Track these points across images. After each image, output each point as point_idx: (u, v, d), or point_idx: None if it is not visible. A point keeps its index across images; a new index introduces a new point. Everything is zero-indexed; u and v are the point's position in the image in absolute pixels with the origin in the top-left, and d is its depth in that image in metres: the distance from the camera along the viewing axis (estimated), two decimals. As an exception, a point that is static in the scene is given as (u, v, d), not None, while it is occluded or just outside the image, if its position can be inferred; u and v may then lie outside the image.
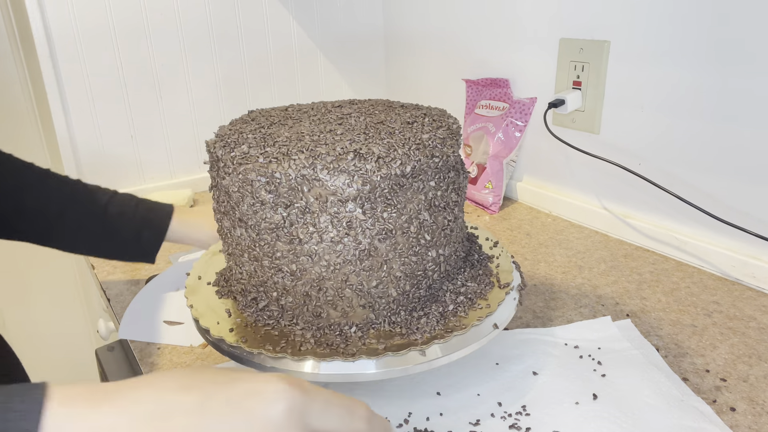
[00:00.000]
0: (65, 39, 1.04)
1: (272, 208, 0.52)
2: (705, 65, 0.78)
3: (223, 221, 0.58)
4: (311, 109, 0.66)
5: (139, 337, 0.70)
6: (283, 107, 0.70)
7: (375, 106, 0.65)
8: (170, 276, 0.81)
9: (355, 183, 0.50)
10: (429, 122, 0.58)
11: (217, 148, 0.55)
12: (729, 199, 0.79)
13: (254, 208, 0.52)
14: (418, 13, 1.26)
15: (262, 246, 0.53)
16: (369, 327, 0.54)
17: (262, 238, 0.53)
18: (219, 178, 0.55)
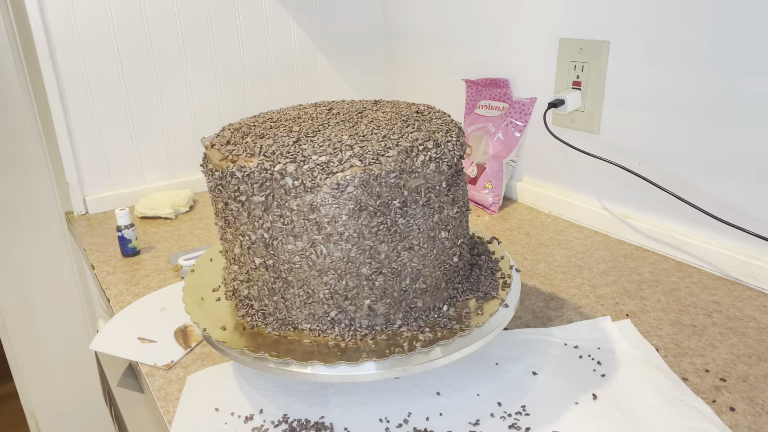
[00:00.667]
0: (65, 39, 1.04)
1: (286, 209, 0.51)
2: (705, 65, 0.78)
3: (232, 230, 0.57)
4: (312, 111, 0.66)
5: (109, 351, 0.69)
6: (280, 111, 0.69)
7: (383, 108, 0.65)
8: (161, 295, 0.80)
9: (364, 185, 0.50)
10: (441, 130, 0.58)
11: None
12: (729, 199, 0.79)
13: (274, 214, 0.52)
14: (418, 13, 1.26)
15: (274, 246, 0.53)
16: (370, 328, 0.55)
17: (275, 237, 0.53)
18: (243, 193, 0.54)
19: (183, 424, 0.56)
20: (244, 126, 0.61)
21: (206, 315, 0.59)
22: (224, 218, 0.57)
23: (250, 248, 0.55)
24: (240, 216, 0.55)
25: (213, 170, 0.56)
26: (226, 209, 0.56)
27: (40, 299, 1.36)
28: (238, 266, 0.58)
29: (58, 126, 1.08)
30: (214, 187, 0.56)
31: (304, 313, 0.55)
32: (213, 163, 0.56)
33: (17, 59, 1.21)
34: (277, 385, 0.60)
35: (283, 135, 0.56)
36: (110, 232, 1.04)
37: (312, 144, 0.53)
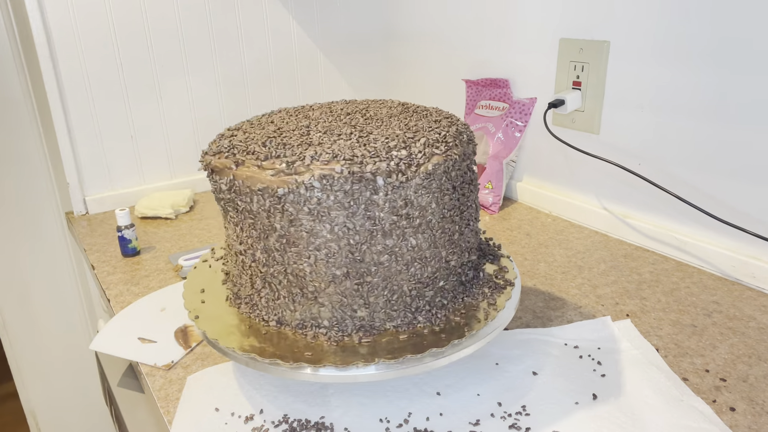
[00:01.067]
0: (65, 39, 1.04)
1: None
2: (705, 65, 0.78)
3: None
4: (322, 112, 0.66)
5: (109, 351, 0.70)
6: (291, 109, 0.69)
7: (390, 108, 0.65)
8: (161, 296, 0.80)
9: (446, 172, 0.52)
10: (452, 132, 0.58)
11: None
12: (729, 199, 0.79)
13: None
14: (418, 13, 1.26)
15: (361, 251, 0.53)
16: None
17: (361, 242, 0.53)
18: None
19: (183, 424, 0.56)
20: (277, 136, 0.57)
21: (211, 319, 0.59)
22: (281, 237, 0.53)
23: (328, 261, 0.52)
24: (314, 230, 0.51)
25: (276, 187, 0.51)
26: (293, 226, 0.52)
27: (40, 299, 1.36)
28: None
29: (58, 126, 1.08)
30: (271, 207, 0.52)
31: (381, 314, 0.55)
32: (269, 179, 0.51)
33: (17, 59, 1.21)
34: (277, 385, 0.60)
35: (341, 137, 0.55)
36: (110, 232, 1.04)
37: (380, 141, 0.53)
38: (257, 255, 0.55)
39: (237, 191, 0.53)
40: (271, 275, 0.55)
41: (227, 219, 0.57)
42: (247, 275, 0.57)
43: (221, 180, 0.55)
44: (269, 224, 0.52)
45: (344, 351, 0.52)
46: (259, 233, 0.54)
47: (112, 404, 0.81)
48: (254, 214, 0.53)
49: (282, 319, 0.56)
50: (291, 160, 0.51)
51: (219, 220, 1.08)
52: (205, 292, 0.62)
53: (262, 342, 0.54)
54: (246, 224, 0.54)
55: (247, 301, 0.58)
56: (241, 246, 0.56)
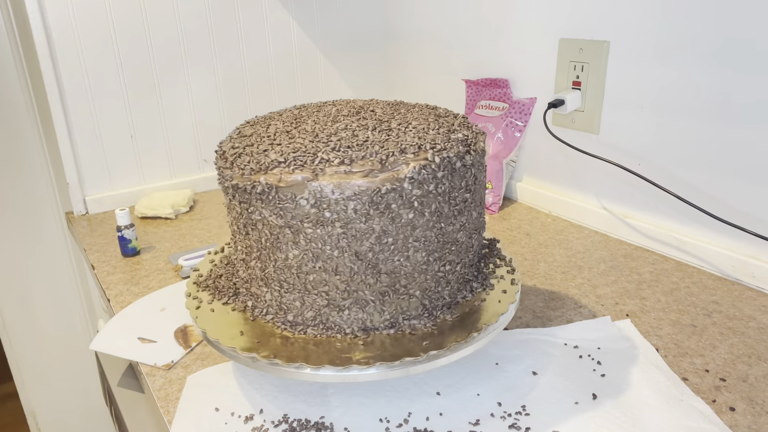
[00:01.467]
0: (65, 39, 1.04)
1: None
2: (705, 65, 0.78)
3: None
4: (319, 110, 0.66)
5: (109, 351, 0.70)
6: (294, 109, 0.69)
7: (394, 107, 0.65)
8: (161, 296, 0.81)
9: (376, 185, 0.51)
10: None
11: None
12: (729, 199, 0.79)
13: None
14: (418, 13, 1.26)
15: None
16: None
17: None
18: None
19: (183, 424, 0.56)
20: (290, 142, 0.56)
21: (212, 320, 0.59)
22: (381, 236, 0.52)
23: (426, 249, 0.53)
24: (413, 222, 0.52)
25: (377, 187, 0.50)
26: (393, 223, 0.52)
27: (40, 299, 1.36)
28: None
29: (58, 126, 1.08)
30: (371, 209, 0.51)
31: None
32: (363, 181, 0.50)
33: (17, 59, 1.21)
34: (277, 385, 0.60)
35: (392, 131, 0.56)
36: (110, 232, 1.04)
37: (431, 131, 0.55)
38: (342, 267, 0.52)
39: (326, 203, 0.50)
40: (359, 282, 0.53)
41: (294, 241, 0.52)
42: (318, 294, 0.54)
43: (300, 195, 0.50)
44: (367, 228, 0.51)
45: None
46: (350, 241, 0.51)
47: (112, 404, 0.81)
48: (346, 222, 0.50)
49: (369, 325, 0.54)
50: (383, 158, 0.51)
51: (219, 220, 1.08)
52: (244, 334, 0.56)
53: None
54: (333, 236, 0.51)
55: (316, 322, 0.55)
56: (317, 263, 0.52)
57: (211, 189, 1.25)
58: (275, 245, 0.53)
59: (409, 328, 0.55)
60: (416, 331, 0.54)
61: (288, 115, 0.64)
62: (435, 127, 0.57)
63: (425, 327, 0.55)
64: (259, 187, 0.51)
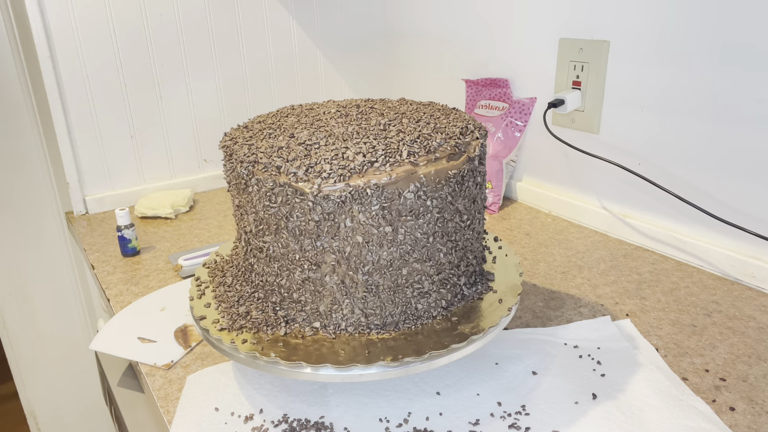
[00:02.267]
0: (65, 39, 1.04)
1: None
2: (705, 64, 0.78)
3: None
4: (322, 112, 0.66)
5: (109, 351, 0.70)
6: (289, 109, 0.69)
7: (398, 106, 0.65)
8: (161, 295, 0.81)
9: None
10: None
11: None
12: (729, 199, 0.79)
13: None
14: (418, 13, 1.26)
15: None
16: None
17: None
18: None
19: (183, 424, 0.56)
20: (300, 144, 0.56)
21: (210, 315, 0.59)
22: (431, 227, 0.53)
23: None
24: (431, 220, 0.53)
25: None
26: (420, 218, 0.52)
27: (40, 299, 1.36)
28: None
29: (58, 126, 1.08)
30: (428, 205, 0.52)
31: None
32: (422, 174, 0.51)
33: (17, 59, 1.21)
34: (277, 384, 0.60)
35: (401, 132, 0.56)
36: (110, 232, 1.04)
37: (442, 131, 0.56)
38: (345, 266, 0.52)
39: (342, 205, 0.50)
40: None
41: (326, 246, 0.52)
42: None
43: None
44: (372, 230, 0.51)
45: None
46: (352, 242, 0.51)
47: (112, 404, 0.81)
48: (355, 225, 0.50)
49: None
50: (415, 159, 0.52)
51: (219, 219, 1.08)
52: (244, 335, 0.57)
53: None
54: (337, 239, 0.51)
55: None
56: (342, 267, 0.52)
57: (211, 189, 1.25)
58: (284, 245, 0.54)
59: (410, 328, 0.55)
60: (416, 330, 0.54)
61: (295, 113, 0.65)
62: (441, 129, 0.58)
63: (425, 327, 0.55)
64: (306, 194, 0.50)
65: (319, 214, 0.50)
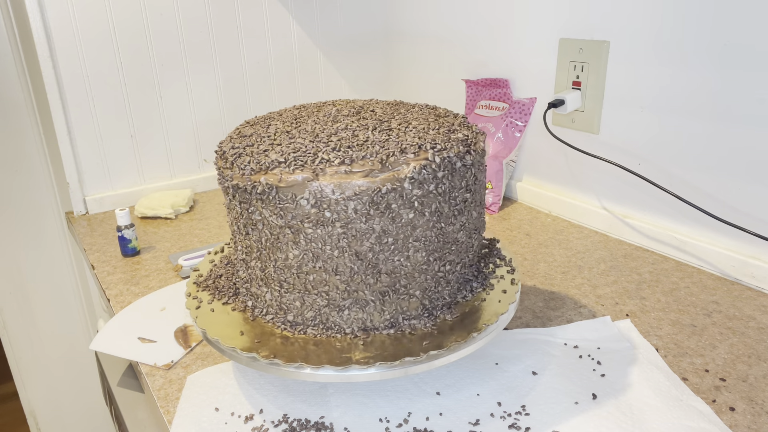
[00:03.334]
0: (65, 39, 1.04)
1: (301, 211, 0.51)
2: (705, 65, 0.78)
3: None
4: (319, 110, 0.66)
5: (109, 351, 0.70)
6: (291, 109, 0.69)
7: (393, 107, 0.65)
8: (161, 296, 0.81)
9: (377, 185, 0.51)
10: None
11: None
12: (729, 199, 0.79)
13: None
14: (418, 13, 1.26)
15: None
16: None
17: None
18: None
19: (183, 424, 0.56)
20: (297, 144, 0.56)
21: (213, 320, 0.59)
22: (382, 236, 0.52)
23: (426, 249, 0.53)
24: (414, 222, 0.52)
25: (377, 187, 0.50)
26: (394, 222, 0.52)
27: (40, 299, 1.36)
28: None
29: (58, 126, 1.08)
30: (371, 209, 0.51)
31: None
32: (363, 181, 0.50)
33: (17, 59, 1.21)
34: (276, 384, 0.60)
35: (392, 131, 0.56)
36: (110, 232, 1.04)
37: (432, 130, 0.55)
38: (342, 267, 0.52)
39: (326, 203, 0.50)
40: (359, 282, 0.53)
41: (295, 241, 0.52)
42: (318, 294, 0.54)
43: (300, 196, 0.50)
44: (367, 228, 0.51)
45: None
46: (350, 241, 0.51)
47: (112, 404, 0.81)
48: (347, 222, 0.50)
49: (369, 325, 0.55)
50: (383, 157, 0.51)
51: (219, 220, 1.08)
52: (244, 334, 0.56)
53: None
54: (333, 236, 0.51)
55: (316, 322, 0.55)
56: (317, 263, 0.52)
57: (211, 189, 1.25)
58: (275, 245, 0.53)
59: (409, 328, 0.55)
60: (416, 331, 0.54)
61: (288, 115, 0.64)
62: (435, 127, 0.57)
63: (425, 327, 0.55)
64: (259, 187, 0.51)
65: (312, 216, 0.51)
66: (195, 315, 0.58)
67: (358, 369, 0.50)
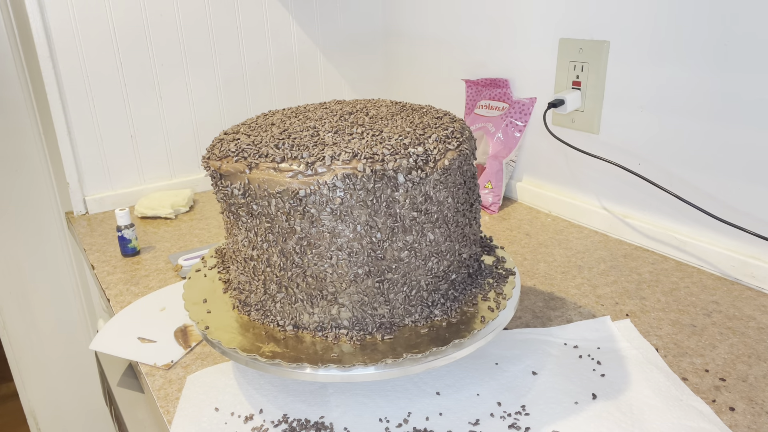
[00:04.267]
0: (65, 39, 1.04)
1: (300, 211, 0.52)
2: (705, 65, 0.78)
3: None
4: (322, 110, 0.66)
5: (109, 351, 0.70)
6: (292, 110, 0.69)
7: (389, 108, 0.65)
8: (161, 296, 0.81)
9: (459, 166, 0.53)
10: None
11: None
12: (729, 199, 0.79)
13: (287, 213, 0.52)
14: (418, 14, 1.26)
15: (383, 248, 0.53)
16: (392, 326, 0.55)
17: (383, 239, 0.53)
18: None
19: (183, 424, 0.56)
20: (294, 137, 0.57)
21: (214, 322, 0.59)
22: (302, 239, 0.52)
23: (350, 260, 0.52)
24: (336, 230, 0.51)
25: (297, 189, 0.51)
26: (314, 227, 0.52)
27: (40, 299, 1.36)
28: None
29: (58, 126, 1.08)
30: (291, 209, 0.51)
31: (399, 310, 0.55)
32: (288, 180, 0.51)
33: (17, 59, 1.21)
34: (276, 384, 0.60)
35: (354, 136, 0.55)
36: (110, 232, 1.04)
37: (394, 138, 0.54)
38: (273, 259, 0.54)
39: (252, 195, 0.52)
40: (288, 279, 0.54)
41: (237, 225, 0.56)
42: (259, 281, 0.56)
43: (234, 185, 0.54)
44: (288, 227, 0.52)
45: (366, 350, 0.52)
46: (276, 237, 0.53)
47: (112, 404, 0.81)
48: (271, 218, 0.52)
49: (299, 322, 0.55)
50: (310, 161, 0.51)
51: (219, 220, 1.08)
52: (207, 302, 0.61)
53: (283, 347, 0.53)
54: (261, 228, 0.53)
55: (258, 307, 0.57)
56: (254, 251, 0.55)
57: (210, 189, 1.25)
58: (230, 225, 0.57)
59: (427, 322, 0.55)
60: (434, 324, 0.55)
61: (287, 113, 0.65)
62: (405, 136, 0.54)
63: (442, 320, 0.55)
64: (208, 171, 0.57)
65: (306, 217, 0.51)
66: (204, 326, 0.57)
67: (358, 369, 0.50)
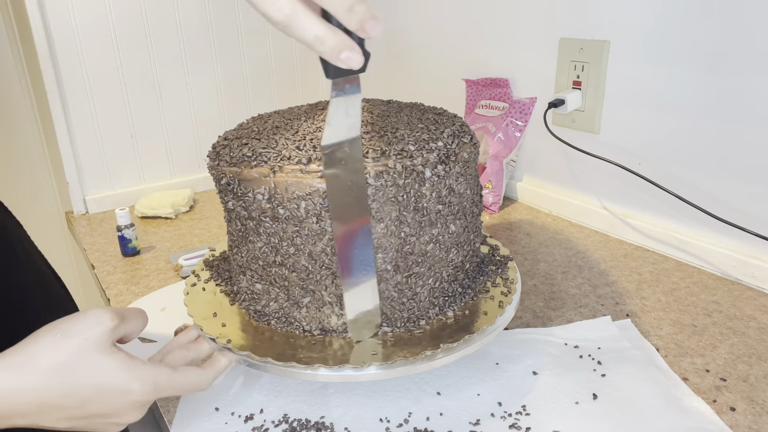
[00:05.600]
0: (65, 39, 1.04)
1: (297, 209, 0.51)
2: (705, 65, 0.78)
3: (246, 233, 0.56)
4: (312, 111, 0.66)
5: None
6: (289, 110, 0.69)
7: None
8: (161, 295, 0.80)
9: (473, 159, 0.54)
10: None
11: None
12: (729, 199, 0.79)
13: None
14: (418, 13, 1.26)
15: (411, 243, 0.53)
16: (418, 319, 0.55)
17: (411, 234, 0.53)
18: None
19: (183, 424, 0.56)
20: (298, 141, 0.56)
21: (211, 318, 0.59)
22: (332, 240, 0.52)
23: (381, 257, 0.52)
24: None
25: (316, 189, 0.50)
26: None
27: (40, 299, 1.35)
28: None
29: (58, 126, 1.08)
30: (323, 210, 0.51)
31: (425, 303, 0.56)
32: (318, 181, 0.50)
33: (17, 59, 1.21)
34: (277, 385, 0.60)
35: (373, 135, 0.54)
36: (110, 231, 1.04)
37: (413, 135, 0.54)
38: (301, 263, 0.52)
39: (280, 199, 0.51)
40: (315, 282, 0.53)
41: (257, 231, 0.54)
42: (280, 288, 0.55)
43: (257, 190, 0.52)
44: (319, 228, 0.51)
45: (398, 344, 0.53)
46: (304, 240, 0.52)
47: (112, 404, 0.81)
48: (300, 221, 0.51)
49: (326, 326, 0.55)
50: None
51: (219, 220, 1.08)
52: (218, 315, 0.58)
53: (319, 352, 0.53)
54: (288, 233, 0.52)
55: (278, 315, 0.56)
56: (278, 257, 0.53)
57: (211, 189, 1.25)
58: (245, 235, 0.55)
59: (452, 311, 0.56)
60: (416, 331, 0.54)
61: (288, 114, 0.64)
62: (421, 132, 0.55)
63: (425, 327, 0.55)
64: (224, 179, 0.54)
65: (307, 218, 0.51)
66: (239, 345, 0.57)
67: (358, 369, 0.50)
